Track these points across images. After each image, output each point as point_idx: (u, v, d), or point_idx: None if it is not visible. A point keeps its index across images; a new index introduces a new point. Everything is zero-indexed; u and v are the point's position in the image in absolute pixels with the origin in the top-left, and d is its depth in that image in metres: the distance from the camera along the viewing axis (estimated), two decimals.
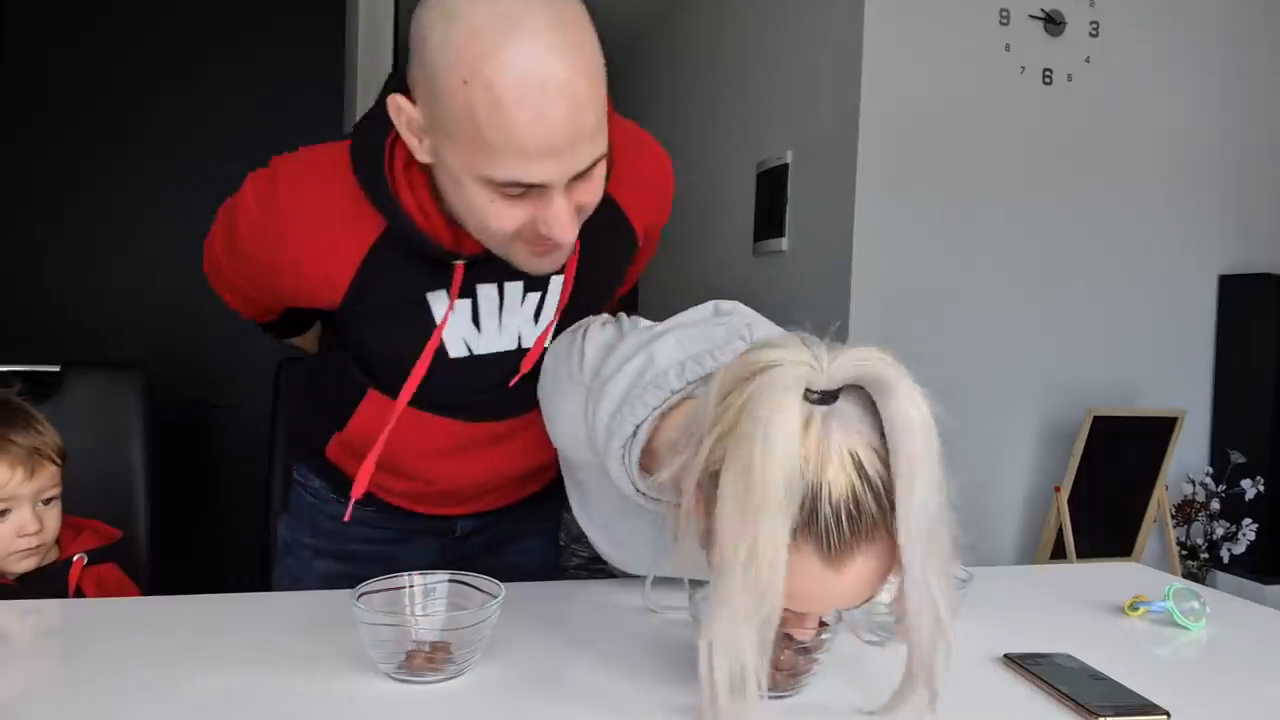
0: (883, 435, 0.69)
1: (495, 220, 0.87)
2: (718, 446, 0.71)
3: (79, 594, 1.21)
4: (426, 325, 1.03)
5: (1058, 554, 3.15)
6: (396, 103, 0.87)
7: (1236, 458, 3.36)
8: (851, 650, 0.92)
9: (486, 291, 1.05)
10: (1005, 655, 0.92)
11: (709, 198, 4.47)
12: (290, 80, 2.20)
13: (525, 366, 1.07)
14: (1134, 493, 3.27)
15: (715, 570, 0.70)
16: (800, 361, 0.70)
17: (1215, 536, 3.38)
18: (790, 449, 0.66)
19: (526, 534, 1.31)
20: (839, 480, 0.68)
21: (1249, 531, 3.29)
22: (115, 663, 0.86)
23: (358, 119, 1.01)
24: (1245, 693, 0.90)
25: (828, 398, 0.70)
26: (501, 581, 0.90)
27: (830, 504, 0.68)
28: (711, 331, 0.92)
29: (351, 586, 0.88)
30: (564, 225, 0.87)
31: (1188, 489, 3.44)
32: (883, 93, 3.14)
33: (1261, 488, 3.28)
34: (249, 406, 2.12)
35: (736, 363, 0.74)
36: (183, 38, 2.13)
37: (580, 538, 1.18)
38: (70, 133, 2.10)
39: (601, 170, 0.90)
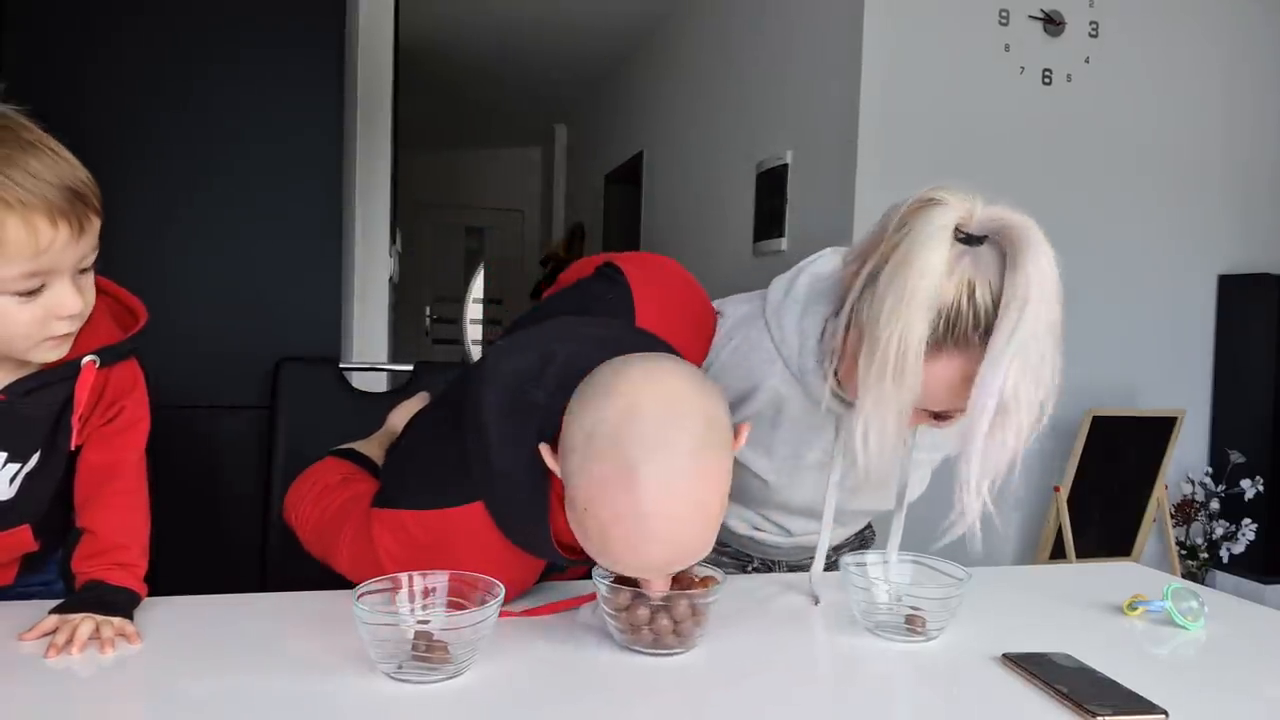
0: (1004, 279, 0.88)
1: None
2: (880, 260, 0.91)
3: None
4: None
5: (1057, 554, 3.15)
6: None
7: (1236, 457, 3.36)
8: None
9: None
10: (1004, 655, 0.93)
11: (709, 198, 4.47)
12: (289, 82, 2.20)
13: None
14: (1133, 493, 3.27)
15: (865, 368, 0.90)
16: (959, 205, 0.89)
17: (1215, 536, 3.38)
18: (934, 268, 0.86)
19: None
20: (949, 294, 0.88)
21: (1248, 531, 3.29)
22: (115, 663, 0.87)
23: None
24: (1244, 692, 0.90)
25: (973, 240, 0.89)
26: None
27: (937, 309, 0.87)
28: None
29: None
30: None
31: (1187, 489, 3.44)
32: (883, 93, 3.14)
33: (1261, 487, 3.28)
34: (248, 406, 2.13)
35: (907, 201, 0.92)
36: (179, 39, 2.13)
37: None
38: (68, 135, 2.11)
39: None
